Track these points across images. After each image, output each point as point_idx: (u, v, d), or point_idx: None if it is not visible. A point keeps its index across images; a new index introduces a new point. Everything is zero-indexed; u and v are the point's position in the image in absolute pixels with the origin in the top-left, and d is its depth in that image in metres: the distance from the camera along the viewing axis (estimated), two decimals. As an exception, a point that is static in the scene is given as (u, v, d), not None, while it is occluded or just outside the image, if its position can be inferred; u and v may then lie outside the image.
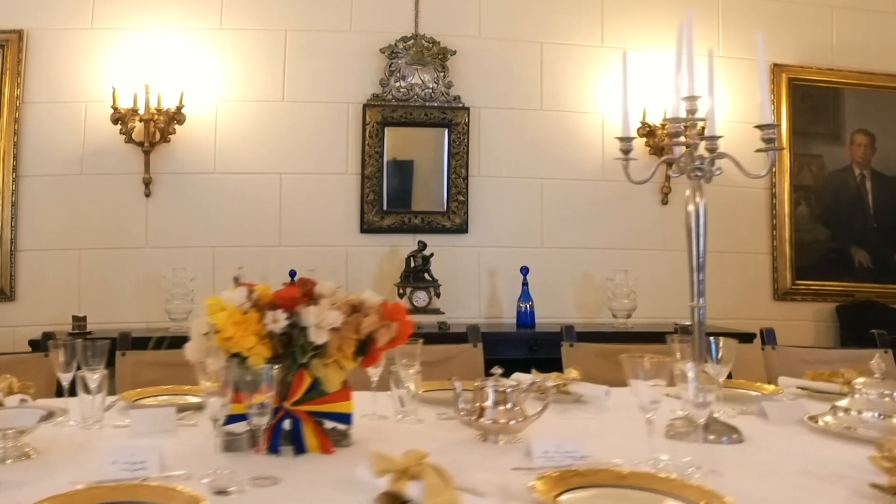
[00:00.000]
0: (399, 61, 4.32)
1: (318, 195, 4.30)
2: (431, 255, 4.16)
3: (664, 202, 4.61)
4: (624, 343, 3.15)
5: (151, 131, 4.06)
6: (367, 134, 4.27)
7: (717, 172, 1.86)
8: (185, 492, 1.29)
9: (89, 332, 3.77)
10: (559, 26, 4.56)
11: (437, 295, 4.13)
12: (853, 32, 4.76)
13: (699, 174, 1.86)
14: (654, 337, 3.97)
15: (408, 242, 4.34)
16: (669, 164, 2.03)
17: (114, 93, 4.00)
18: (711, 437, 1.74)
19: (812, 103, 4.71)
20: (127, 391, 2.24)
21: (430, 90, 4.34)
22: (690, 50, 1.84)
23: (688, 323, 4.35)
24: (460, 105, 4.37)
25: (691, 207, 1.87)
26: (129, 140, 4.07)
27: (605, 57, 4.58)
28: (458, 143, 4.35)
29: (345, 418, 1.71)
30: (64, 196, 4.11)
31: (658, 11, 4.58)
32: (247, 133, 4.26)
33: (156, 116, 4.04)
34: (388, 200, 4.32)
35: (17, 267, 4.05)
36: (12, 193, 4.04)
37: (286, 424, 1.65)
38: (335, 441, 1.68)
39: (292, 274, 4.04)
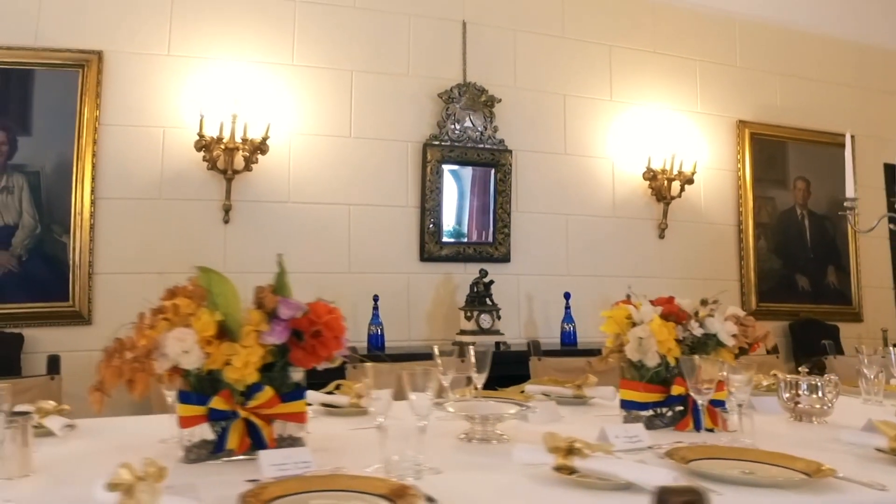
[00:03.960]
0: (455, 106, 4.73)
1: (383, 226, 4.59)
2: (492, 281, 4.58)
3: (661, 237, 5.35)
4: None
5: (235, 160, 4.16)
6: (429, 171, 4.64)
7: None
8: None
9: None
10: (577, 80, 5.19)
11: (499, 317, 4.54)
12: (794, 96, 5.82)
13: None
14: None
15: (459, 270, 4.74)
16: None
17: (201, 121, 4.07)
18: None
19: (766, 154, 5.69)
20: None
21: (480, 133, 4.79)
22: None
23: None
24: (504, 148, 4.85)
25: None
26: (213, 167, 4.15)
27: (613, 109, 5.28)
28: (503, 182, 4.82)
29: (721, 404, 2.16)
30: (142, 220, 4.10)
31: (656, 72, 5.37)
32: (318, 165, 4.47)
33: (241, 146, 4.16)
34: (445, 232, 4.69)
35: (94, 290, 3.98)
36: (90, 216, 3.98)
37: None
38: (715, 422, 2.14)
39: (375, 298, 4.31)
